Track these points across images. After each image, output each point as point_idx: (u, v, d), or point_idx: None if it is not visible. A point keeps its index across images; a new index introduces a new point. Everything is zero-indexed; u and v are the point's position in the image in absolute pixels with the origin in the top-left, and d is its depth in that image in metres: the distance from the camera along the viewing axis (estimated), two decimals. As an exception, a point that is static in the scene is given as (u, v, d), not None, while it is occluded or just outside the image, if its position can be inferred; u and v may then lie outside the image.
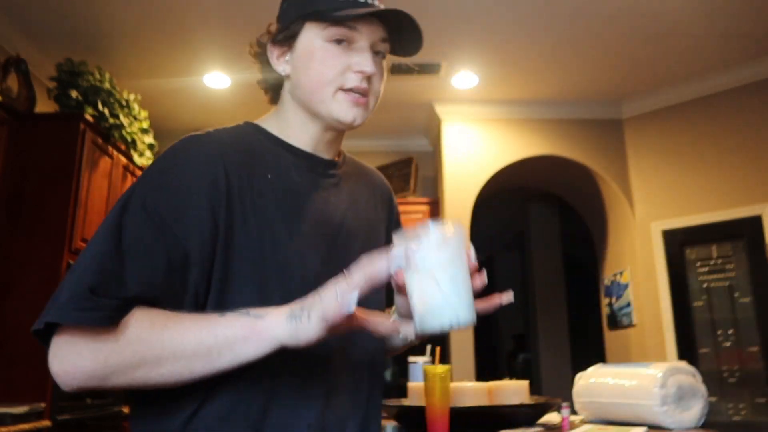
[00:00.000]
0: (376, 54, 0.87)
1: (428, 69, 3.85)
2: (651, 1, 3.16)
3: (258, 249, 0.81)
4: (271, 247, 0.81)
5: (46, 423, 2.71)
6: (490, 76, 3.98)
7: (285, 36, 0.88)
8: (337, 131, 0.92)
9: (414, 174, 4.70)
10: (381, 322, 0.74)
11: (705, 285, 3.89)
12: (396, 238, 0.75)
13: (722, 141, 3.93)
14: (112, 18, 3.27)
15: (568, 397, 2.01)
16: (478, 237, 4.27)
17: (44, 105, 3.44)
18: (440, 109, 4.37)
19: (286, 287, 0.81)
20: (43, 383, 2.78)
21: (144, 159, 3.87)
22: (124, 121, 3.50)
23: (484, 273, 0.78)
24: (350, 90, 0.85)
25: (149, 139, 3.87)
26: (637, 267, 4.19)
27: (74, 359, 0.70)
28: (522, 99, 4.33)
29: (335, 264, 0.83)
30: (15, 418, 2.53)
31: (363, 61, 0.84)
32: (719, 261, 3.86)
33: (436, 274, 0.75)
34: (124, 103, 3.56)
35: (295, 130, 0.91)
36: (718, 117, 3.98)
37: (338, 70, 0.85)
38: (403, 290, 0.74)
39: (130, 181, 3.77)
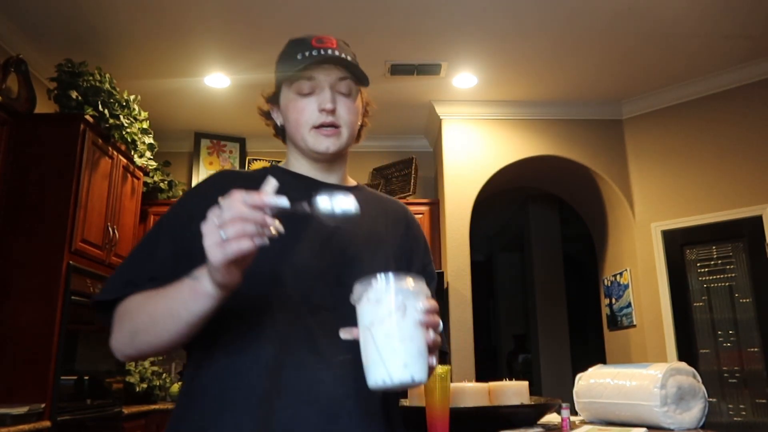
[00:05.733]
0: (339, 92, 1.05)
1: (428, 69, 3.85)
2: (651, 1, 3.16)
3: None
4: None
5: (46, 423, 2.71)
6: (490, 76, 3.98)
7: (272, 98, 1.13)
8: (325, 160, 1.10)
9: (414, 174, 4.70)
10: None
11: (705, 285, 3.89)
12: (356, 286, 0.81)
13: (722, 141, 3.93)
14: (112, 18, 3.27)
15: (568, 398, 2.01)
16: (478, 237, 4.26)
17: (44, 105, 3.43)
18: (440, 110, 4.37)
19: (277, 274, 0.96)
20: (43, 383, 2.78)
21: (144, 159, 3.86)
22: (124, 121, 3.50)
23: (432, 332, 0.82)
24: (320, 126, 1.04)
25: (149, 139, 3.86)
26: (637, 267, 4.19)
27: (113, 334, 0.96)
28: (522, 99, 4.33)
29: (328, 258, 1.00)
30: (15, 419, 2.53)
31: (323, 100, 1.03)
32: (719, 261, 3.85)
33: (372, 330, 0.76)
34: (124, 103, 3.56)
35: (295, 162, 1.12)
36: (718, 117, 3.98)
37: (308, 113, 1.04)
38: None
39: (130, 181, 3.76)
